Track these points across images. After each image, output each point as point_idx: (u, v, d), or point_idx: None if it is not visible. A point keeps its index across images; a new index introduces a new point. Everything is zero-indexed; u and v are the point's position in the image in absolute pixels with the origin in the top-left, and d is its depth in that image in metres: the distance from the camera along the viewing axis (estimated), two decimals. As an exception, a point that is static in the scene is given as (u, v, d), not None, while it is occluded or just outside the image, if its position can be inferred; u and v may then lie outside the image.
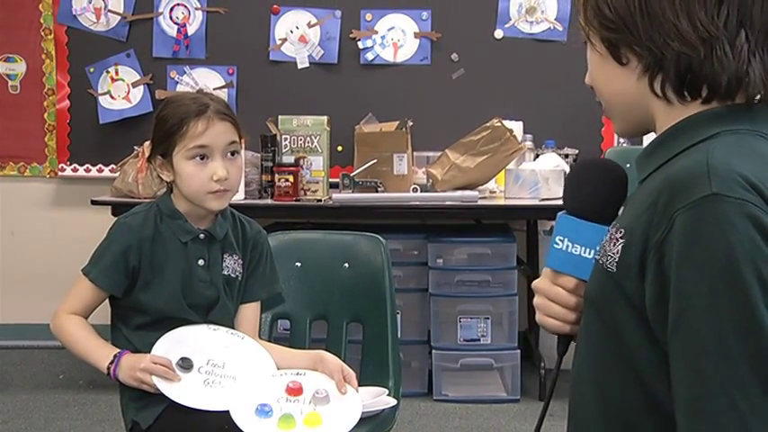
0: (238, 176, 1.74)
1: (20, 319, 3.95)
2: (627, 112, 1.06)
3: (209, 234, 1.75)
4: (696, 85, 0.99)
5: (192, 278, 1.72)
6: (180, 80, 3.80)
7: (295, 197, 3.28)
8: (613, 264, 0.97)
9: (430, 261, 3.32)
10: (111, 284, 1.70)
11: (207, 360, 1.66)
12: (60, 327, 1.71)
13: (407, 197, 3.31)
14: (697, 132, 0.99)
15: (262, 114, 3.46)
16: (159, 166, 1.74)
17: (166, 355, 1.64)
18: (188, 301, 1.72)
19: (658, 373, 0.94)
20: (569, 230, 1.02)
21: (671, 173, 0.95)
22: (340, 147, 3.67)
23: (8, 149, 3.92)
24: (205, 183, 1.69)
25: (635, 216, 0.96)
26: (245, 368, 1.67)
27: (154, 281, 1.71)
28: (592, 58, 1.07)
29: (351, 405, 1.63)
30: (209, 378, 1.64)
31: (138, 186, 3.32)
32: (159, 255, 1.71)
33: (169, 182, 1.75)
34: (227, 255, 1.77)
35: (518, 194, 3.32)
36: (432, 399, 3.30)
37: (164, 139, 1.70)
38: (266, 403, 1.57)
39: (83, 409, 3.22)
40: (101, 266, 1.70)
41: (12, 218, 3.99)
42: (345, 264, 2.13)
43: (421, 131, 3.58)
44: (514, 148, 3.34)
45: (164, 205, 1.75)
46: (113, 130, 3.80)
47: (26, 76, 3.88)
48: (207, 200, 1.70)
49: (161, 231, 1.73)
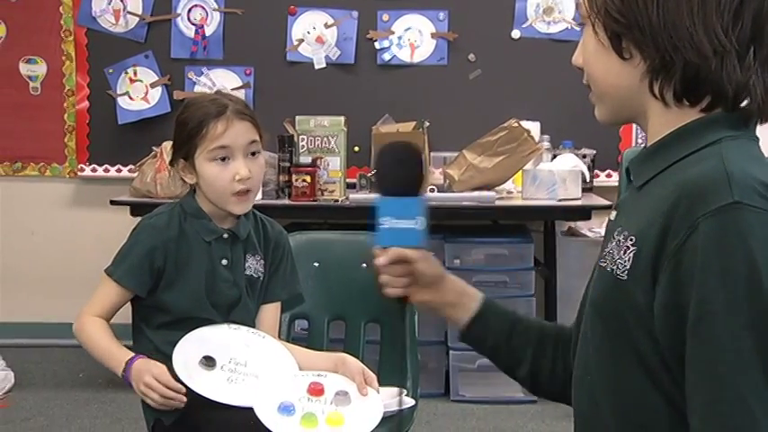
0: (261, 175, 1.77)
1: (40, 317, 4.00)
2: (618, 103, 1.07)
3: (233, 234, 1.78)
4: (700, 93, 1.00)
5: (215, 278, 1.75)
6: (197, 81, 3.84)
7: (312, 197, 3.30)
8: (624, 272, 0.97)
9: (447, 262, 3.34)
10: (137, 284, 1.72)
11: (229, 358, 1.68)
12: (81, 330, 1.73)
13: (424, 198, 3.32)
14: (700, 138, 1.00)
15: (279, 115, 3.48)
16: (182, 169, 1.76)
17: (190, 355, 1.66)
18: (211, 300, 1.74)
19: (672, 378, 0.96)
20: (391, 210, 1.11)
21: (686, 179, 0.96)
22: (357, 147, 3.69)
23: (29, 150, 3.97)
24: (228, 183, 1.71)
25: (647, 223, 0.97)
26: (268, 367, 1.70)
27: (177, 280, 1.73)
28: (589, 42, 1.06)
29: (372, 406, 1.65)
30: (232, 375, 1.66)
31: (157, 186, 3.35)
32: (183, 254, 1.74)
33: (192, 184, 1.77)
34: (250, 255, 1.80)
35: (535, 195, 3.33)
36: (449, 399, 3.32)
37: (185, 142, 1.73)
38: (289, 402, 1.59)
39: (102, 407, 3.27)
40: (126, 267, 1.72)
41: (32, 218, 4.04)
42: (364, 264, 2.15)
43: (438, 132, 3.60)
44: (532, 148, 3.35)
45: (188, 205, 1.77)
46: (132, 130, 3.84)
47: (47, 78, 3.93)
48: (230, 203, 1.73)
49: (185, 231, 1.75)
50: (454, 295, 1.24)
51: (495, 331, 1.25)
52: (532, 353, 1.24)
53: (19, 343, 3.92)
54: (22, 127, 3.95)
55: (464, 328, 1.26)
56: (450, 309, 1.25)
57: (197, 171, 1.73)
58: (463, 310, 1.25)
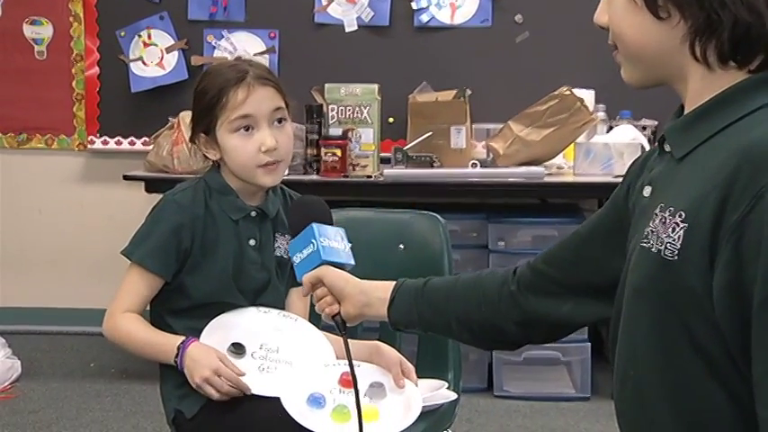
0: (289, 146, 1.76)
1: (48, 303, 4.06)
2: (650, 66, 1.06)
3: (261, 211, 1.77)
4: (750, 53, 0.99)
5: (242, 259, 1.75)
6: (217, 45, 3.84)
7: (343, 173, 3.31)
8: (674, 251, 0.96)
9: (490, 244, 3.33)
10: (161, 267, 1.71)
11: (260, 344, 1.69)
12: (114, 329, 1.71)
13: (466, 173, 3.32)
14: (751, 100, 0.99)
15: (306, 83, 3.49)
16: (204, 144, 1.76)
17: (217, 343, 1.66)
18: (238, 284, 1.75)
19: (736, 369, 0.95)
20: (326, 233, 1.45)
21: (746, 145, 0.95)
22: (392, 118, 3.68)
23: (35, 121, 4.01)
24: (253, 155, 1.70)
25: (697, 196, 0.96)
26: (302, 353, 1.70)
27: (202, 263, 1.73)
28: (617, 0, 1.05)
29: (410, 399, 1.64)
30: (263, 363, 1.67)
31: (174, 160, 3.37)
32: (210, 234, 1.73)
33: (216, 160, 1.77)
34: (280, 234, 1.79)
35: (588, 171, 3.31)
36: (492, 395, 3.32)
37: (204, 114, 1.72)
38: (319, 393, 1.59)
39: (115, 399, 3.31)
40: (148, 247, 1.71)
41: (39, 194, 4.09)
42: (400, 245, 2.14)
43: (481, 101, 3.58)
44: (585, 119, 3.32)
45: (212, 180, 1.77)
46: (146, 99, 3.87)
47: (53, 41, 3.96)
48: (257, 175, 1.72)
49: (211, 209, 1.75)
50: (362, 295, 1.40)
51: (412, 308, 1.39)
52: (463, 308, 1.36)
53: (26, 329, 3.99)
54: (26, 95, 3.99)
55: (388, 319, 1.42)
56: (368, 309, 1.40)
57: (219, 145, 1.73)
58: (380, 303, 1.41)
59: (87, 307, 3.94)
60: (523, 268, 1.35)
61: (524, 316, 1.31)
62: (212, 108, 1.70)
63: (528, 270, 1.34)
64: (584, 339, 3.28)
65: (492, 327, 1.34)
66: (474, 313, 1.35)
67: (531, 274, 1.33)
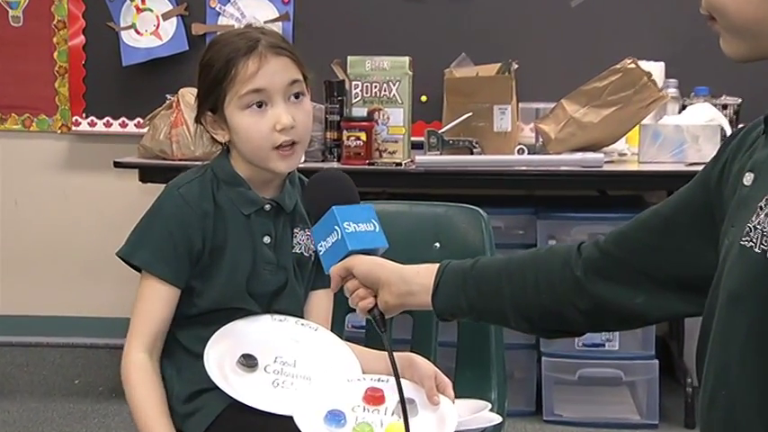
0: (308, 124, 1.78)
1: (25, 310, 4.10)
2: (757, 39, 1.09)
3: (277, 204, 1.80)
4: None
5: (255, 260, 1.78)
6: (222, 11, 3.89)
7: (368, 160, 3.33)
8: None
9: (539, 242, 3.35)
10: (173, 273, 1.73)
11: (274, 357, 1.72)
12: (128, 379, 1.74)
13: (511, 161, 3.34)
14: None
15: (326, 55, 3.49)
16: (211, 124, 1.79)
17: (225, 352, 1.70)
18: (249, 288, 1.78)
19: None
20: (351, 216, 1.47)
21: None
22: (425, 97, 3.71)
23: (10, 98, 4.05)
24: (267, 135, 1.73)
25: None
26: (322, 366, 1.73)
27: (211, 264, 1.76)
28: None
29: (444, 417, 1.67)
30: (278, 378, 1.70)
31: (173, 145, 3.40)
32: (219, 232, 1.76)
33: (225, 142, 1.80)
34: (298, 229, 1.83)
35: (656, 158, 3.32)
36: (541, 419, 3.34)
37: (211, 90, 1.75)
38: (339, 410, 1.63)
39: (104, 421, 3.36)
40: (152, 248, 1.73)
41: (15, 183, 4.13)
42: (436, 243, 2.16)
43: (529, 76, 3.60)
44: (653, 96, 3.33)
45: (220, 169, 1.80)
46: (139, 73, 3.91)
47: (30, 4, 3.99)
48: (272, 159, 1.75)
49: (219, 203, 1.77)
50: (402, 282, 1.42)
51: (460, 294, 1.40)
52: (519, 292, 1.37)
53: (0, 341, 4.04)
54: (1, 68, 4.02)
55: (433, 308, 1.43)
56: (410, 297, 1.42)
57: (228, 125, 1.76)
58: (423, 290, 1.42)
59: (71, 315, 4.00)
60: (591, 248, 1.35)
61: (591, 303, 1.32)
62: (219, 82, 1.73)
63: (596, 251, 1.34)
64: (651, 356, 3.29)
65: (552, 314, 1.35)
66: (532, 298, 1.36)
67: (600, 257, 1.33)
